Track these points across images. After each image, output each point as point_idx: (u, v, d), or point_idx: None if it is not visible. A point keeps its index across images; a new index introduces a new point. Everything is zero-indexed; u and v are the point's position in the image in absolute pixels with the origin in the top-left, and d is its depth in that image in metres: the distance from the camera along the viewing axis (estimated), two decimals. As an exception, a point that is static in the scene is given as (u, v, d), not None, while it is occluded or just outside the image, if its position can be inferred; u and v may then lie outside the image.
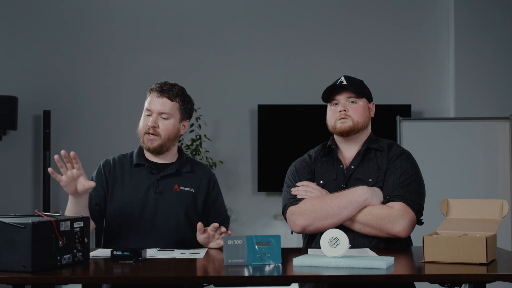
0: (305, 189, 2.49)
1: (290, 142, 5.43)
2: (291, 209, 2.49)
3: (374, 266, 1.88)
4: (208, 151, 5.41)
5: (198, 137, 5.32)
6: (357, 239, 2.40)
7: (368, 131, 2.60)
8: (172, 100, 2.60)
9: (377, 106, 2.66)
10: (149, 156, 2.64)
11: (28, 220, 1.89)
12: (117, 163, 2.63)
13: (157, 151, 2.60)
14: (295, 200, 2.49)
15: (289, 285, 1.88)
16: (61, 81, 5.54)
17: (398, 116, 5.00)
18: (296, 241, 5.33)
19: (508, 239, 4.71)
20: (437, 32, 5.54)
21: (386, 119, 5.10)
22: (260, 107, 5.44)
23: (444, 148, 4.93)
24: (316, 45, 5.57)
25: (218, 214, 2.69)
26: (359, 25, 5.57)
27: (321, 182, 2.53)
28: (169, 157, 2.66)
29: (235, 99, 5.54)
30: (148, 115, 2.59)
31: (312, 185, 2.50)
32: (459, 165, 4.91)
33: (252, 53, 5.57)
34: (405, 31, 5.56)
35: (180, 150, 2.71)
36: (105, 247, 2.55)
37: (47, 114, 5.27)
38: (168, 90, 2.61)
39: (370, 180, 2.46)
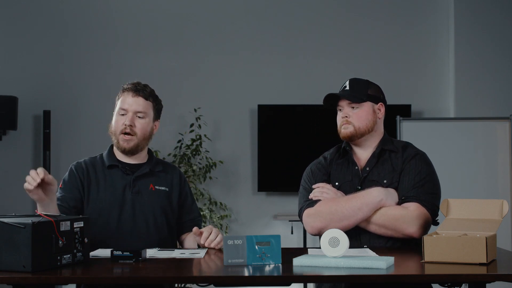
0: (320, 190, 2.49)
1: (290, 142, 5.43)
2: (307, 212, 2.48)
3: (374, 266, 1.89)
4: (208, 151, 5.41)
5: (198, 137, 5.32)
6: (373, 240, 2.41)
7: (379, 133, 2.60)
8: (146, 99, 2.61)
9: (376, 106, 2.66)
10: (120, 157, 2.64)
11: (28, 220, 1.89)
12: (89, 165, 2.62)
13: (132, 151, 2.60)
14: (310, 202, 2.49)
15: (289, 285, 1.88)
16: (61, 81, 5.54)
17: (398, 116, 5.00)
18: (296, 241, 5.33)
19: (508, 239, 4.71)
20: (437, 32, 5.54)
21: (386, 119, 5.05)
22: (260, 107, 5.43)
23: (444, 148, 4.93)
24: (316, 45, 5.57)
25: (190, 212, 2.72)
26: (359, 25, 5.57)
27: (337, 183, 2.53)
28: (141, 158, 2.67)
29: (235, 99, 5.54)
30: (123, 115, 2.59)
31: (328, 186, 2.50)
32: (459, 165, 4.90)
33: (252, 53, 5.57)
34: (405, 31, 5.56)
35: (149, 150, 2.72)
36: None
37: (47, 114, 5.27)
38: (142, 89, 2.62)
39: (385, 181, 2.46)
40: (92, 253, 2.22)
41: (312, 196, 2.50)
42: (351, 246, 2.25)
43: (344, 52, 5.55)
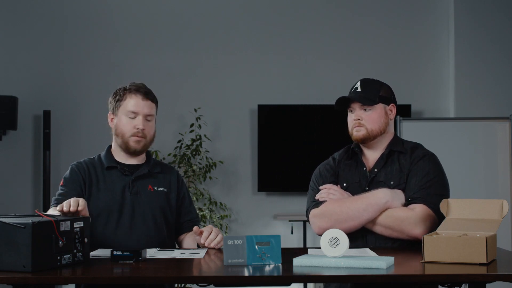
0: (327, 191, 2.49)
1: (290, 142, 5.43)
2: (313, 212, 2.49)
3: (374, 266, 1.88)
4: (208, 151, 5.41)
5: (198, 137, 5.32)
6: (379, 241, 2.41)
7: (390, 134, 2.58)
8: (153, 102, 2.65)
9: (376, 106, 2.66)
10: (119, 158, 2.65)
11: (28, 220, 1.89)
12: (89, 165, 2.63)
13: (139, 152, 2.62)
14: (317, 203, 2.49)
15: (289, 285, 1.88)
16: (61, 81, 5.54)
17: (398, 116, 5.00)
18: (296, 241, 5.33)
19: (508, 239, 4.71)
20: (437, 32, 5.54)
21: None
22: (260, 107, 5.43)
23: (444, 148, 4.91)
24: (316, 45, 5.57)
25: (188, 212, 2.72)
26: (359, 25, 5.57)
27: (345, 184, 2.53)
28: (140, 158, 2.68)
29: (235, 99, 5.54)
30: (132, 117, 2.59)
31: (334, 187, 2.50)
32: (459, 165, 4.90)
33: (252, 53, 5.57)
34: (405, 31, 5.56)
35: (147, 151, 2.73)
36: None
37: (47, 114, 5.27)
38: (149, 92, 2.65)
39: (392, 182, 2.45)
40: (92, 253, 2.22)
41: (318, 197, 2.50)
42: (357, 247, 2.23)
43: (344, 52, 5.55)
